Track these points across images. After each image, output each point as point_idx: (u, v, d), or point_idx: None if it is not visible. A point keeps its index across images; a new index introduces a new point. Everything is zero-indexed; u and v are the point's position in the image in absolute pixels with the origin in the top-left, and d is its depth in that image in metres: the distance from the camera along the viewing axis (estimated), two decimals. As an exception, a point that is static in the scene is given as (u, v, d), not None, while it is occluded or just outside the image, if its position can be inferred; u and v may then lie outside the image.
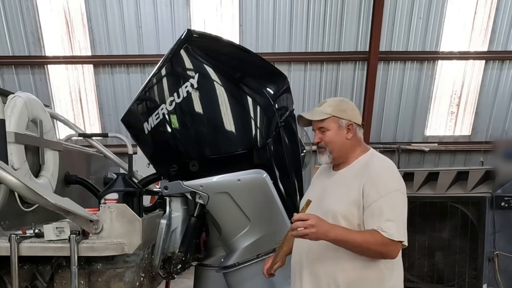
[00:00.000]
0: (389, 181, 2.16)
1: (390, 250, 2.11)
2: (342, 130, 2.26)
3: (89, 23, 9.70)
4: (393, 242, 2.08)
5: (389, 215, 2.09)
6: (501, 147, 6.36)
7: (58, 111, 9.74)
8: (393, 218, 2.09)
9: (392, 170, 2.24)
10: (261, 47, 9.72)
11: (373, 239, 2.09)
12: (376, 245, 2.09)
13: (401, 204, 2.14)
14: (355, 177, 2.22)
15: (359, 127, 2.31)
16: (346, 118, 2.27)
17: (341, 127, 2.26)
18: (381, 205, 2.10)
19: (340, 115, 2.26)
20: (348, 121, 2.26)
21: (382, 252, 2.12)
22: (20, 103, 2.99)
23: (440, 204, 4.88)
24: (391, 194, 2.11)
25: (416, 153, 10.82)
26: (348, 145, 2.28)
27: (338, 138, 2.27)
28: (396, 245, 2.10)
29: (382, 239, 2.07)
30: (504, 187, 4.68)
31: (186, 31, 2.93)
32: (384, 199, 2.10)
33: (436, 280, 4.88)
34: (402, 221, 2.12)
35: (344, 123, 2.26)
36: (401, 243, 2.11)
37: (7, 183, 2.29)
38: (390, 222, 2.08)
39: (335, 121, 2.26)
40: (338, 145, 2.28)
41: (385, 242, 2.08)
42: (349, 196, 2.19)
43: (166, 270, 2.96)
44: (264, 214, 2.90)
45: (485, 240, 4.52)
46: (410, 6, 9.58)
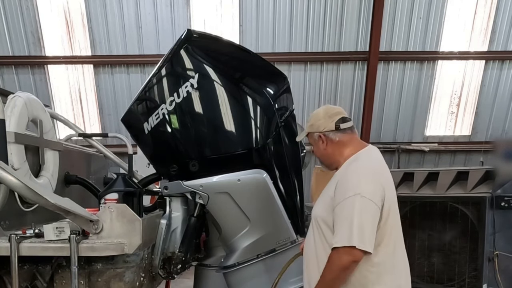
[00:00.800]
0: (351, 185, 2.15)
1: (343, 258, 2.08)
2: (318, 142, 2.39)
3: (89, 23, 9.70)
4: (344, 248, 2.06)
5: (343, 221, 2.10)
6: (501, 147, 6.36)
7: (58, 111, 9.74)
8: (345, 223, 2.09)
9: (361, 173, 2.20)
10: (261, 47, 9.72)
11: (327, 268, 2.12)
12: (333, 267, 2.10)
13: (358, 208, 2.09)
14: (333, 181, 2.30)
15: (334, 131, 2.33)
16: (315, 131, 2.38)
17: (316, 140, 2.40)
18: (340, 210, 2.13)
19: (310, 130, 2.40)
20: (317, 133, 2.37)
21: (340, 266, 2.09)
22: (20, 103, 2.99)
23: (440, 204, 4.88)
24: (349, 199, 2.11)
25: (416, 153, 10.82)
26: (329, 153, 2.37)
27: (318, 151, 2.42)
28: (350, 250, 2.06)
29: (333, 257, 2.10)
30: (504, 187, 4.68)
31: (186, 31, 2.93)
32: (342, 204, 2.13)
33: (436, 280, 4.88)
34: (357, 225, 2.06)
35: (316, 136, 2.39)
36: (354, 248, 2.05)
37: (7, 183, 2.29)
38: (341, 228, 2.09)
39: (311, 136, 2.42)
40: (322, 157, 2.42)
41: (336, 258, 2.09)
42: (326, 200, 2.28)
43: (166, 270, 2.96)
44: (264, 214, 2.90)
45: (485, 240, 4.52)
46: (410, 6, 9.58)
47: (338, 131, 2.33)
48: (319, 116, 2.39)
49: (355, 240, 2.05)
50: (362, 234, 2.07)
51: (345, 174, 2.24)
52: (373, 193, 2.14)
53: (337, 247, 2.08)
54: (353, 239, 2.05)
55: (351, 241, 2.05)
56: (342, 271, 2.11)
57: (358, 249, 2.06)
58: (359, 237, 2.06)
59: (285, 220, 2.94)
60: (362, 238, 2.06)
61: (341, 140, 2.33)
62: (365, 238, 2.07)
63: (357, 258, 2.08)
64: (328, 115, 2.37)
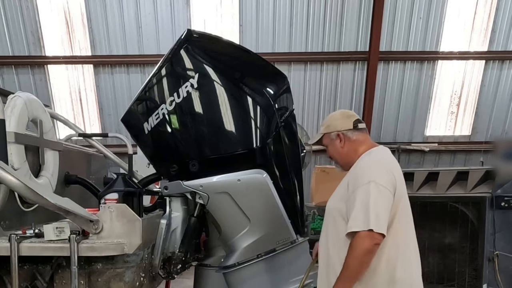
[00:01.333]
0: (364, 174, 2.27)
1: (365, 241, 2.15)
2: (335, 142, 2.50)
3: (89, 23, 9.70)
4: (364, 232, 2.14)
5: (359, 206, 2.19)
6: (501, 147, 6.35)
7: (58, 111, 9.75)
8: (361, 208, 2.18)
9: (373, 163, 2.33)
10: (261, 47, 9.73)
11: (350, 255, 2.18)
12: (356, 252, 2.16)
13: (373, 194, 2.19)
14: (348, 175, 2.41)
15: (352, 130, 2.48)
16: (333, 130, 2.50)
17: (332, 140, 2.51)
18: (354, 197, 2.23)
19: (328, 131, 2.53)
20: (335, 132, 2.49)
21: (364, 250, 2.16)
22: (20, 103, 2.99)
23: (440, 204, 4.87)
24: (363, 187, 2.21)
25: (416, 153, 10.83)
26: (346, 152, 2.49)
27: (334, 150, 2.52)
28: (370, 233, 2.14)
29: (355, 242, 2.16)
30: (504, 187, 4.67)
31: (186, 31, 2.93)
32: (357, 191, 2.23)
33: (436, 280, 4.87)
34: (373, 209, 2.16)
35: (333, 135, 2.50)
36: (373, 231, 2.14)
37: (7, 183, 2.29)
38: (358, 213, 2.18)
39: (327, 137, 2.54)
40: (338, 156, 2.53)
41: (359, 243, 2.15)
42: (339, 192, 2.40)
43: (166, 270, 2.95)
44: (264, 214, 2.90)
45: (485, 240, 4.51)
46: (410, 6, 9.59)
47: (355, 130, 2.48)
48: (336, 117, 2.55)
49: (372, 224, 2.14)
50: (378, 218, 2.16)
51: (356, 167, 2.36)
52: (386, 181, 2.25)
53: (357, 232, 2.16)
54: (370, 222, 2.14)
55: (369, 225, 2.14)
56: (364, 255, 2.17)
57: (377, 232, 2.14)
58: (376, 221, 2.15)
59: (285, 220, 2.94)
60: (378, 222, 2.16)
61: (357, 139, 2.48)
62: (380, 222, 2.16)
63: (377, 241, 2.17)
64: (345, 116, 2.54)
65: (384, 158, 2.41)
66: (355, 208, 2.20)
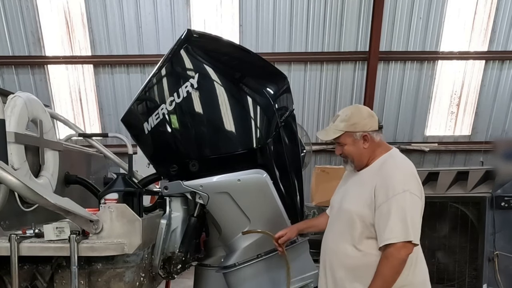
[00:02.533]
0: (398, 183, 2.20)
1: (402, 252, 2.15)
2: (358, 142, 2.36)
3: (89, 23, 9.70)
4: (403, 243, 2.14)
5: (395, 217, 2.15)
6: (501, 147, 6.35)
7: (58, 111, 9.74)
8: (398, 219, 2.14)
9: (404, 171, 2.29)
10: (261, 47, 9.72)
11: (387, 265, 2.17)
12: (394, 262, 2.16)
13: (409, 204, 2.18)
14: (371, 178, 2.31)
15: (377, 132, 2.38)
16: (359, 130, 2.35)
17: (356, 139, 2.36)
18: (389, 208, 2.16)
19: (353, 130, 2.35)
20: (361, 132, 2.34)
21: (400, 260, 2.17)
22: (20, 103, 2.99)
23: (440, 204, 4.87)
24: (398, 196, 2.16)
25: (416, 153, 10.82)
26: (366, 153, 2.38)
27: (355, 150, 2.38)
28: (407, 244, 2.15)
29: (392, 253, 2.15)
30: (504, 187, 4.67)
31: (186, 31, 2.93)
32: (391, 201, 2.17)
33: (436, 280, 4.87)
34: (411, 221, 2.15)
35: (359, 135, 2.36)
36: (410, 242, 2.15)
37: (7, 183, 2.29)
38: (395, 224, 2.14)
39: (349, 135, 2.37)
40: (357, 156, 2.41)
41: (395, 253, 2.15)
42: (363, 196, 2.29)
43: (166, 270, 2.95)
44: (264, 214, 2.90)
45: (485, 240, 4.51)
46: (410, 6, 9.58)
47: (380, 131, 2.40)
48: (363, 115, 2.38)
49: (411, 235, 2.14)
50: (415, 229, 2.17)
51: (386, 172, 2.27)
52: (418, 189, 2.25)
53: (394, 243, 2.13)
54: (409, 234, 2.14)
55: (408, 236, 2.14)
56: (401, 265, 2.17)
57: (413, 243, 2.16)
58: (414, 232, 2.16)
59: (285, 220, 2.94)
60: (416, 232, 2.17)
61: (379, 141, 2.40)
62: (417, 233, 2.18)
63: (411, 251, 2.18)
64: (371, 115, 2.41)
65: (409, 163, 2.38)
66: (391, 218, 2.15)
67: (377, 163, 2.36)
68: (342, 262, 2.37)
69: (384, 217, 2.17)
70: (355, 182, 2.43)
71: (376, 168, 2.34)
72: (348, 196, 2.41)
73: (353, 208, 2.33)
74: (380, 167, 2.31)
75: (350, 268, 2.34)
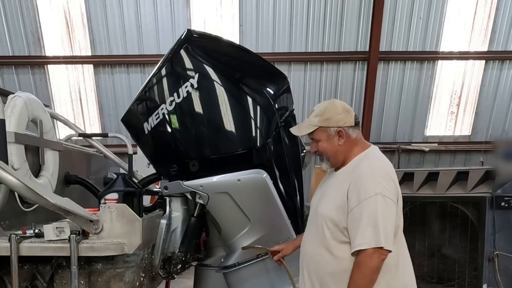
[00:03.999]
0: (370, 185, 2.09)
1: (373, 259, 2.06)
2: (333, 138, 2.25)
3: (89, 23, 9.69)
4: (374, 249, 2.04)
5: (366, 221, 2.06)
6: (501, 147, 6.35)
7: (58, 111, 9.74)
8: (369, 223, 2.05)
9: (377, 172, 2.16)
10: (261, 47, 9.72)
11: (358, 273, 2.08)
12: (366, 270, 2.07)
13: (381, 208, 2.07)
14: (344, 180, 2.20)
15: (353, 127, 2.26)
16: (333, 125, 2.24)
17: (330, 135, 2.25)
18: (360, 212, 2.07)
19: (326, 124, 2.24)
20: (336, 128, 2.24)
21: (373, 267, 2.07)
22: (20, 103, 2.99)
23: (440, 204, 4.87)
24: (370, 200, 2.06)
25: (416, 153, 10.82)
26: (341, 150, 2.26)
27: (330, 147, 2.26)
28: (378, 250, 2.05)
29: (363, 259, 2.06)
30: (504, 187, 4.67)
31: (186, 31, 2.93)
32: (363, 204, 2.07)
33: (436, 280, 4.87)
34: (382, 226, 2.05)
35: (333, 131, 2.24)
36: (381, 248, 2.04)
37: (7, 183, 2.29)
38: (366, 229, 2.05)
39: (323, 130, 2.25)
40: (332, 153, 2.27)
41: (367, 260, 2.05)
42: (336, 200, 2.19)
43: (166, 270, 2.95)
44: (264, 214, 2.90)
45: (485, 240, 4.51)
46: (410, 6, 9.58)
47: (356, 127, 2.27)
48: (338, 110, 2.26)
49: (383, 241, 2.03)
50: (387, 234, 2.06)
51: (359, 174, 2.15)
52: (391, 192, 2.12)
53: (365, 249, 2.04)
54: (381, 239, 2.03)
55: (379, 242, 2.03)
56: (374, 272, 2.07)
57: (385, 249, 2.05)
58: (385, 237, 2.05)
59: (285, 220, 2.94)
60: (388, 238, 2.06)
61: (355, 137, 2.27)
62: (389, 238, 2.07)
63: (384, 256, 2.07)
64: (346, 110, 2.28)
65: (385, 163, 2.25)
66: (361, 223, 2.05)
67: (352, 164, 2.24)
68: (321, 267, 2.27)
69: (356, 222, 2.07)
70: (331, 184, 2.33)
71: (350, 169, 2.22)
72: (323, 199, 2.30)
73: (326, 212, 2.22)
74: (354, 168, 2.19)
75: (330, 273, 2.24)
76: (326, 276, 2.26)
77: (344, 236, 2.18)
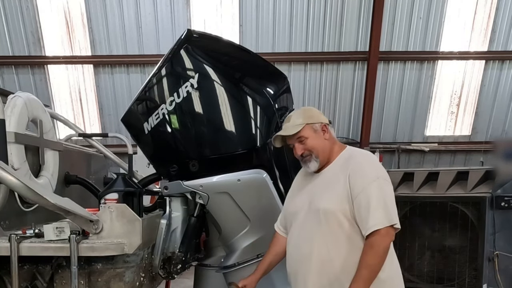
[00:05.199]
0: (370, 171, 2.23)
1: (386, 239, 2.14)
2: (319, 133, 2.37)
3: (89, 23, 9.70)
4: (386, 229, 2.12)
5: (376, 203, 2.15)
6: (501, 147, 6.35)
7: (58, 111, 9.74)
8: (379, 205, 2.15)
9: (372, 159, 2.35)
10: (261, 47, 9.72)
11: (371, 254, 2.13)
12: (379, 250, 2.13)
13: (385, 189, 2.20)
14: (340, 172, 2.29)
15: (329, 125, 2.42)
16: (317, 121, 2.38)
17: (316, 130, 2.37)
18: (368, 196, 2.16)
19: (311, 121, 2.37)
20: (320, 123, 2.37)
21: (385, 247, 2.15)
22: (20, 103, 2.99)
23: (440, 204, 4.86)
24: (374, 183, 2.18)
25: (416, 153, 10.82)
26: (328, 145, 2.38)
27: (318, 142, 2.36)
28: (390, 230, 2.15)
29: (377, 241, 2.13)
30: (504, 187, 4.67)
31: (186, 31, 2.93)
32: (368, 189, 2.17)
33: (436, 280, 4.87)
34: (391, 205, 2.17)
35: (318, 126, 2.37)
36: (392, 227, 2.15)
37: (7, 183, 2.29)
38: (377, 210, 2.14)
39: (310, 127, 2.36)
40: (321, 148, 2.37)
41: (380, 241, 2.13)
42: (338, 192, 2.25)
43: (166, 270, 2.96)
44: (264, 214, 2.90)
45: (485, 240, 4.51)
46: (410, 6, 9.58)
47: (331, 126, 2.43)
48: (316, 111, 2.45)
49: (394, 219, 2.15)
50: (396, 214, 2.18)
51: (357, 162, 2.27)
52: (388, 177, 2.27)
53: (378, 230, 2.12)
54: (393, 218, 2.15)
55: (392, 220, 2.14)
56: (385, 252, 2.16)
57: (394, 228, 2.16)
58: (395, 215, 2.17)
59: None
60: (396, 216, 2.17)
61: (334, 136, 2.43)
62: (397, 217, 2.18)
63: (393, 237, 2.18)
64: (318, 112, 2.45)
65: (372, 154, 2.45)
66: (371, 206, 2.13)
67: (341, 158, 2.35)
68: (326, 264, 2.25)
69: (365, 206, 2.15)
70: (320, 183, 2.35)
71: (341, 162, 2.33)
72: (320, 197, 2.29)
73: (330, 206, 2.24)
74: (348, 160, 2.31)
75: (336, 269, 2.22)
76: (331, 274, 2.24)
77: (352, 226, 2.22)
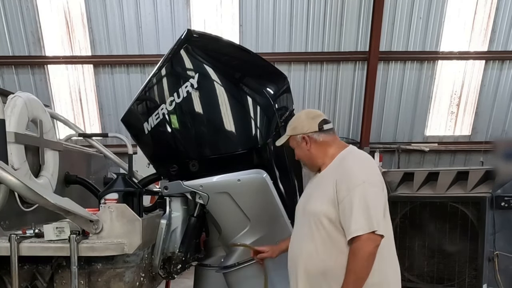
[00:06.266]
0: (356, 175, 2.21)
1: (368, 244, 2.12)
2: (301, 144, 2.41)
3: (89, 23, 9.70)
4: (367, 235, 2.11)
5: (358, 209, 2.14)
6: (501, 147, 6.34)
7: (58, 111, 9.74)
8: (361, 211, 2.13)
9: (363, 163, 2.30)
10: (261, 47, 9.73)
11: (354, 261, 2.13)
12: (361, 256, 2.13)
13: (369, 195, 2.17)
14: (330, 176, 2.30)
15: (318, 132, 2.38)
16: (299, 133, 2.41)
17: (298, 142, 2.42)
18: (351, 201, 2.16)
19: (293, 133, 2.43)
20: (300, 134, 2.40)
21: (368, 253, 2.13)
22: (20, 103, 2.99)
23: (440, 204, 4.86)
24: (358, 188, 2.16)
25: (416, 153, 10.83)
26: (313, 154, 2.40)
27: (302, 153, 2.43)
28: (372, 236, 2.12)
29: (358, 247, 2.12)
30: (504, 187, 4.67)
31: (186, 31, 2.93)
32: (352, 193, 2.16)
33: (436, 280, 4.87)
34: (373, 211, 2.14)
35: (299, 138, 2.41)
36: (374, 233, 2.12)
37: (7, 183, 2.29)
38: (359, 216, 2.13)
39: (293, 139, 2.44)
40: (306, 158, 2.43)
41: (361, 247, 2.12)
42: (326, 195, 2.27)
43: (166, 270, 2.96)
44: (264, 214, 2.90)
45: (485, 240, 4.51)
46: (410, 6, 9.59)
47: (321, 132, 2.39)
48: (301, 119, 2.45)
49: (375, 225, 2.12)
50: (378, 219, 2.14)
51: (344, 167, 2.27)
52: (379, 181, 2.24)
53: (359, 236, 2.11)
54: (373, 224, 2.12)
55: (372, 227, 2.11)
56: (369, 258, 2.14)
57: (378, 234, 2.13)
58: (377, 222, 2.13)
59: (285, 220, 2.94)
60: (379, 223, 2.14)
61: (324, 141, 2.39)
62: (380, 223, 2.14)
63: (378, 242, 2.14)
64: (310, 117, 2.44)
65: (367, 156, 2.40)
66: (354, 211, 2.13)
67: (336, 161, 2.36)
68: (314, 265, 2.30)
69: (348, 211, 2.16)
70: (316, 184, 2.42)
71: (334, 166, 2.34)
72: (311, 199, 2.38)
73: (318, 208, 2.29)
74: (339, 164, 2.32)
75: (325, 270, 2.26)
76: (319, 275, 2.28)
77: (337, 230, 2.23)
